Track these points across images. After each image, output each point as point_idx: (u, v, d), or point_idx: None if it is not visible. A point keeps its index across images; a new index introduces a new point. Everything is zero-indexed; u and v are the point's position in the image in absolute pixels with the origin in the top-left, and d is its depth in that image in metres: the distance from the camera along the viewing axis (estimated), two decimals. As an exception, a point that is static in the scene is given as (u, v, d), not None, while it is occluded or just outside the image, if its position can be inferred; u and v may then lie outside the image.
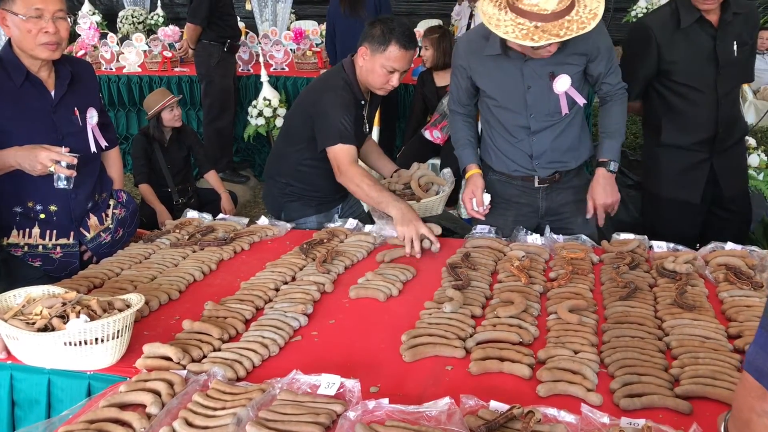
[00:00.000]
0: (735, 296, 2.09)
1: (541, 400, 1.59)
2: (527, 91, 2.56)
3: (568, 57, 2.51)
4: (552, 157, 2.68)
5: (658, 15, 3.01)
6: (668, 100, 3.00)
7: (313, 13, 12.30)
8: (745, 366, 1.11)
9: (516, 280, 2.23)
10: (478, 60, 2.61)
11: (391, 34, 2.69)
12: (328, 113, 2.78)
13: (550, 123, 2.62)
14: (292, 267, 2.39)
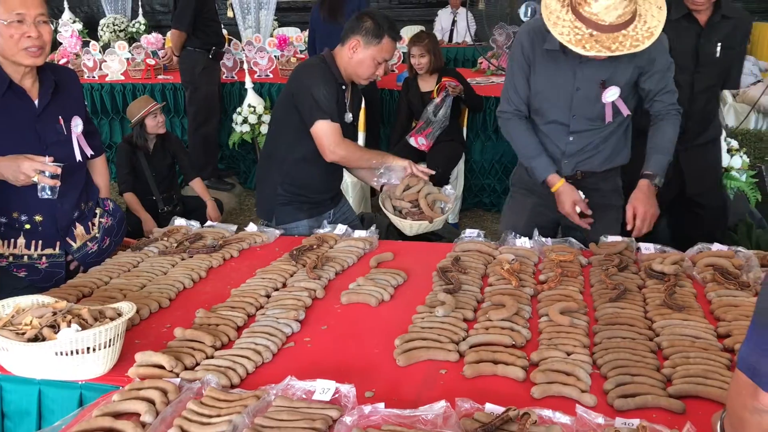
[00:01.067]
0: (722, 296, 2.12)
1: (535, 402, 1.60)
2: (576, 92, 2.58)
3: (623, 67, 2.53)
4: (581, 158, 2.70)
5: None
6: None
7: (295, 20, 12.31)
8: (738, 364, 1.13)
9: (506, 283, 2.24)
10: (537, 52, 2.62)
11: (383, 27, 2.82)
12: (308, 88, 2.85)
13: (590, 127, 2.64)
14: (283, 273, 2.39)
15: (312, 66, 2.96)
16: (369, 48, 2.84)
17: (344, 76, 2.93)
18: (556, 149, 2.70)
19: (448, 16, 11.01)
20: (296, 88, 2.90)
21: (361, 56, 2.85)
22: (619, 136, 2.70)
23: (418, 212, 2.87)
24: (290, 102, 2.93)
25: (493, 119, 5.39)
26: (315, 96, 2.81)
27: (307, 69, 2.95)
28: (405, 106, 5.26)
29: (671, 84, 2.58)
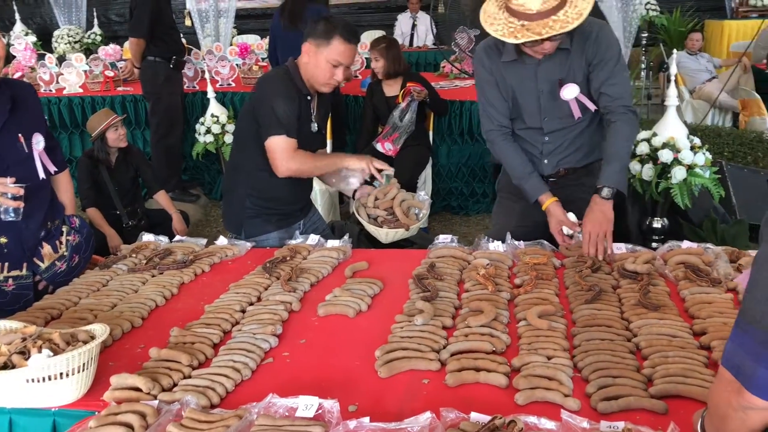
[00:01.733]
0: (695, 294, 2.15)
1: (519, 409, 1.60)
2: (541, 95, 2.63)
3: (576, 64, 2.57)
4: (561, 157, 2.74)
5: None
6: None
7: (254, 27, 12.23)
8: (723, 362, 1.14)
9: (483, 289, 2.24)
10: (497, 66, 2.66)
11: (334, 29, 2.75)
12: (268, 101, 2.77)
13: (563, 126, 2.68)
14: (257, 287, 2.35)
15: (274, 78, 2.91)
16: (320, 50, 2.75)
17: (308, 86, 2.88)
18: (534, 150, 2.74)
19: (407, 20, 11.04)
20: (257, 100, 2.85)
21: (315, 60, 2.77)
22: (593, 130, 2.73)
23: (394, 220, 2.85)
24: (252, 114, 2.88)
25: (459, 123, 5.42)
26: (273, 109, 2.75)
27: (269, 81, 2.91)
28: (370, 111, 5.26)
29: (619, 78, 2.55)
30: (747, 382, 1.07)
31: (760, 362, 1.05)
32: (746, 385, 1.07)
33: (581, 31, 2.50)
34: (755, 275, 1.07)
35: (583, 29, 2.48)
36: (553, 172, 2.76)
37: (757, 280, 1.07)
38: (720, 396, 1.18)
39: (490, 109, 2.71)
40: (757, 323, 1.06)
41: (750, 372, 1.06)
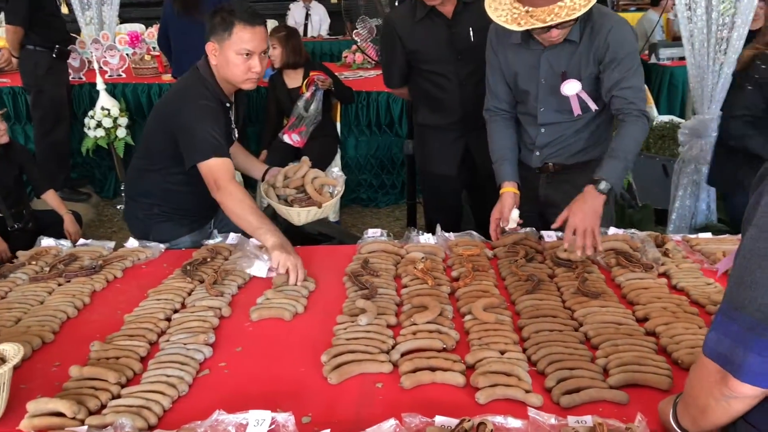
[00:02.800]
0: (631, 280, 2.17)
1: (482, 408, 1.54)
2: (540, 83, 2.52)
3: (583, 59, 2.44)
4: (552, 150, 2.64)
5: (400, 9, 3.25)
6: (421, 85, 3.26)
7: (138, 16, 11.66)
8: (706, 353, 1.12)
9: (422, 283, 2.17)
10: (505, 48, 2.56)
11: (232, 16, 2.47)
12: (193, 127, 2.49)
13: (559, 120, 2.57)
14: (179, 292, 2.18)
15: (195, 98, 2.56)
16: (224, 45, 2.49)
17: (226, 91, 2.63)
18: (528, 139, 2.66)
19: (300, 9, 10.85)
20: (177, 126, 2.54)
21: (223, 58, 2.51)
22: (593, 131, 2.61)
23: (305, 198, 2.69)
24: (168, 130, 2.58)
25: (366, 114, 5.35)
26: (202, 137, 2.47)
27: (190, 103, 2.55)
28: (273, 104, 5.09)
29: (633, 80, 2.38)
30: (737, 370, 1.05)
31: (751, 348, 1.03)
32: (736, 373, 1.05)
33: (593, 25, 2.38)
34: (742, 262, 1.05)
35: (595, 22, 2.36)
36: (541, 165, 2.67)
37: (744, 267, 1.05)
38: (701, 388, 1.16)
39: (489, 91, 2.67)
40: (744, 309, 1.04)
41: (740, 360, 1.04)
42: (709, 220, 3.81)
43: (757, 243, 1.03)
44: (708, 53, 3.57)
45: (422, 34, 3.12)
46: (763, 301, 1.01)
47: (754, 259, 1.03)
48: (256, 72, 2.54)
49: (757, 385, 1.05)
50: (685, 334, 1.79)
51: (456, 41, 3.09)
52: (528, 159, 2.69)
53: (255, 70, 2.53)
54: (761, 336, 1.01)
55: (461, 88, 3.16)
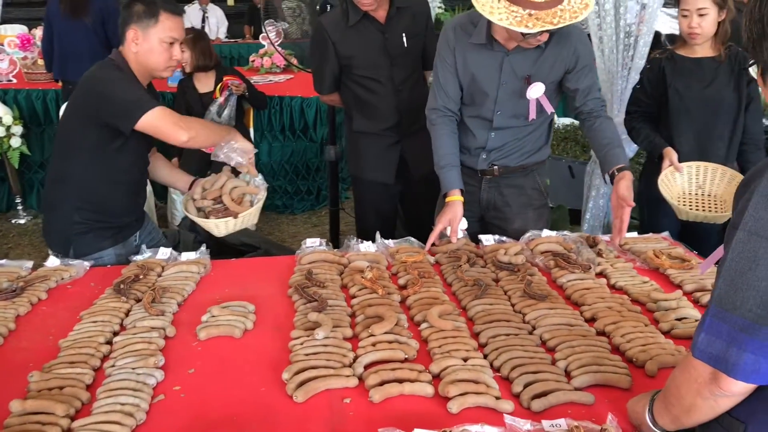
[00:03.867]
0: (572, 281, 2.24)
1: (455, 417, 1.54)
2: (501, 86, 2.50)
3: (548, 63, 2.47)
4: (500, 154, 2.65)
5: (331, 14, 3.22)
6: (355, 91, 3.23)
7: (20, 17, 10.99)
8: (696, 355, 1.16)
9: (370, 293, 2.15)
10: (464, 47, 2.51)
11: (155, 4, 2.48)
12: (113, 93, 2.43)
13: (512, 124, 2.58)
14: (116, 313, 2.06)
15: (104, 70, 2.52)
16: (149, 31, 2.48)
17: (141, 80, 2.56)
18: (476, 142, 2.65)
19: (197, 12, 10.55)
20: (96, 100, 2.45)
21: (147, 45, 2.48)
22: (538, 135, 2.67)
23: (223, 209, 2.62)
24: (84, 118, 2.50)
25: (279, 119, 5.27)
26: (127, 97, 2.41)
27: (100, 73, 2.51)
28: (183, 108, 4.90)
29: (598, 85, 2.61)
30: (731, 369, 1.10)
31: (744, 348, 1.08)
32: (731, 372, 1.10)
33: (559, 33, 2.43)
34: (732, 265, 1.10)
35: (561, 30, 2.41)
36: (487, 168, 2.69)
37: (735, 270, 1.09)
38: (688, 388, 1.20)
39: (440, 90, 2.60)
40: (736, 310, 1.08)
41: (734, 359, 1.09)
42: (620, 219, 3.98)
43: (746, 246, 1.08)
44: (617, 59, 3.74)
45: (356, 39, 3.09)
46: (754, 302, 1.06)
47: (743, 262, 1.08)
48: (177, 59, 2.58)
49: (751, 382, 1.10)
50: (635, 332, 1.86)
51: (390, 47, 3.09)
52: (472, 162, 2.70)
53: (176, 58, 2.57)
54: (754, 336, 1.06)
55: (396, 93, 3.15)
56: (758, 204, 1.09)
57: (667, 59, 3.13)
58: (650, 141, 3.14)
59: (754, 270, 1.06)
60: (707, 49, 3.07)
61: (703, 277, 2.23)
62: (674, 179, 2.95)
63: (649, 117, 3.22)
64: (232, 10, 11.72)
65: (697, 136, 3.09)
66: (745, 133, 3.13)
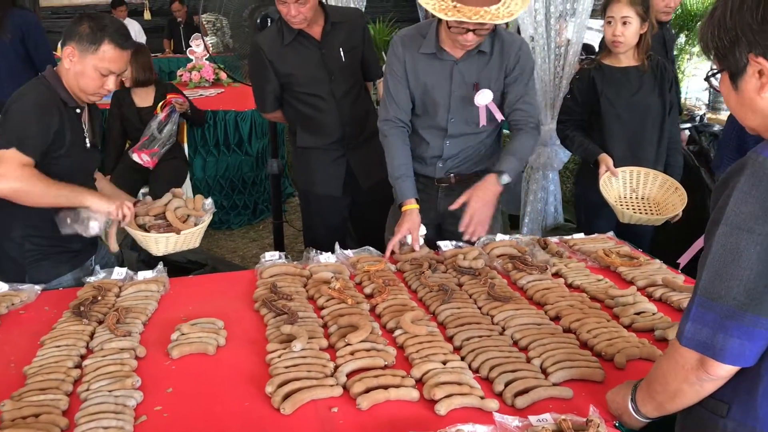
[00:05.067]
0: (531, 282, 2.32)
1: (443, 419, 1.58)
2: (452, 94, 2.54)
3: (495, 70, 2.53)
4: (456, 162, 2.69)
5: (267, 34, 3.22)
6: (297, 108, 3.25)
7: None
8: (683, 342, 1.24)
9: (338, 303, 2.17)
10: (412, 56, 2.52)
11: (103, 31, 2.34)
12: (14, 114, 2.32)
13: (466, 131, 2.62)
14: (80, 336, 2.00)
15: (26, 90, 2.40)
16: (86, 56, 2.35)
17: (75, 96, 2.44)
18: (431, 152, 2.67)
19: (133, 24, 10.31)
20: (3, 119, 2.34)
21: (80, 67, 2.36)
22: (490, 142, 2.74)
23: (165, 224, 2.52)
24: None
25: (213, 134, 5.21)
26: (16, 125, 2.29)
27: (19, 94, 2.39)
28: (118, 123, 4.76)
29: (533, 95, 2.66)
30: (719, 354, 1.18)
31: (731, 333, 1.17)
32: (718, 356, 1.18)
33: (503, 40, 2.50)
34: (716, 257, 1.18)
35: (504, 38, 2.48)
36: (444, 176, 2.72)
37: (719, 261, 1.18)
38: (674, 375, 1.28)
39: (391, 101, 2.61)
40: (721, 299, 1.17)
41: (721, 344, 1.17)
42: (557, 222, 4.15)
43: (729, 239, 1.16)
44: (549, 68, 3.90)
45: (293, 57, 3.10)
46: (738, 290, 1.15)
47: (727, 254, 1.16)
48: (108, 90, 2.46)
49: (737, 365, 1.18)
50: (599, 328, 1.95)
51: (327, 62, 3.11)
52: (428, 171, 2.75)
53: (107, 88, 2.45)
54: (739, 321, 1.15)
55: (338, 107, 3.17)
56: (738, 199, 1.18)
57: (595, 69, 3.27)
58: (585, 148, 3.27)
59: (737, 261, 1.15)
60: (630, 58, 3.23)
61: (653, 273, 2.36)
62: (611, 184, 3.10)
63: (580, 125, 3.36)
64: (150, 24, 11.48)
65: (628, 142, 3.24)
66: (671, 143, 3.31)
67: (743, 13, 1.16)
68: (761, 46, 1.15)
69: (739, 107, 1.26)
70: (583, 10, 3.83)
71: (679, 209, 2.93)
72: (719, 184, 1.24)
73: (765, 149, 1.19)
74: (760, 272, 1.16)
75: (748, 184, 1.18)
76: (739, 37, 1.16)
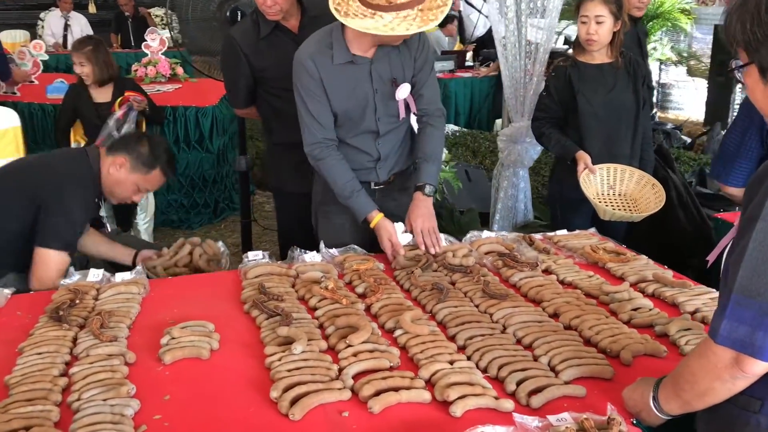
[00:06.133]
0: (524, 279, 2.30)
1: (459, 420, 1.54)
2: (375, 94, 2.49)
3: (405, 63, 2.50)
4: (393, 161, 2.64)
5: (241, 27, 3.13)
6: (272, 104, 3.15)
7: None
8: (719, 341, 1.22)
9: (331, 303, 2.10)
10: (327, 71, 2.45)
11: (157, 160, 2.64)
12: (65, 208, 2.48)
13: (393, 126, 2.58)
14: (62, 342, 1.89)
15: (79, 182, 2.56)
16: (135, 174, 2.62)
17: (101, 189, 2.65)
18: (368, 157, 2.60)
19: (58, 19, 9.94)
20: (47, 197, 2.47)
21: (124, 178, 2.61)
22: (410, 135, 2.69)
23: None
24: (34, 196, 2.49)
25: (173, 130, 5.07)
26: (65, 221, 2.48)
27: (72, 183, 2.54)
28: (68, 114, 4.54)
29: (434, 80, 2.64)
30: (758, 351, 1.17)
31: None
32: (757, 354, 1.17)
33: None
34: (754, 254, 1.17)
35: None
36: (387, 178, 2.67)
37: (758, 259, 1.17)
38: (705, 373, 1.27)
39: (315, 123, 2.50)
40: (760, 296, 1.16)
41: (760, 342, 1.17)
42: (527, 219, 4.17)
43: (767, 236, 1.16)
44: (520, 65, 3.91)
45: (269, 51, 2.99)
46: None
47: (766, 251, 1.15)
48: (135, 201, 2.78)
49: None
50: (599, 324, 1.94)
51: None
52: (366, 177, 2.64)
53: (135, 200, 2.76)
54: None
55: None
56: None
57: (571, 66, 3.28)
58: (562, 145, 3.28)
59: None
60: (604, 56, 3.26)
61: (641, 269, 2.37)
62: (590, 181, 3.11)
63: (556, 122, 3.36)
64: (96, 18, 11.11)
65: (605, 139, 3.26)
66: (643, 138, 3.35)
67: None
68: None
69: (767, 101, 1.25)
70: (553, 7, 3.85)
71: (656, 205, 2.96)
72: (753, 180, 1.24)
73: None
74: None
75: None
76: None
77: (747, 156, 2.28)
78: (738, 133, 2.27)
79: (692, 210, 3.67)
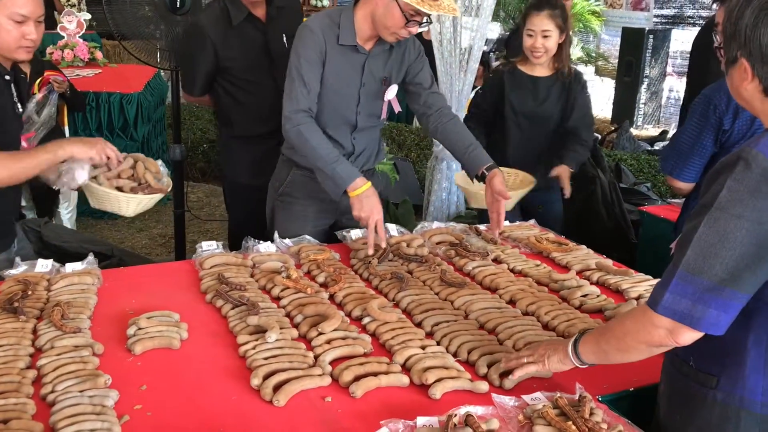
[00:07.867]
0: (477, 268, 2.40)
1: (438, 402, 1.61)
2: (361, 87, 2.49)
3: (396, 64, 2.53)
4: (366, 157, 2.67)
5: (210, 13, 3.07)
6: (234, 95, 3.13)
7: None
8: (659, 310, 1.34)
9: (294, 293, 2.13)
10: (332, 47, 2.44)
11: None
12: None
13: (371, 124, 2.61)
14: (21, 334, 1.83)
15: None
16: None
17: (3, 62, 2.24)
18: (342, 151, 2.57)
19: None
20: None
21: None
22: (380, 132, 2.77)
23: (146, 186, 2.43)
24: None
25: (96, 116, 4.90)
26: None
27: None
28: None
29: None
30: (696, 323, 1.31)
31: (709, 305, 1.29)
32: (695, 325, 1.31)
33: None
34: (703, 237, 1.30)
35: None
36: None
37: (706, 241, 1.30)
38: (636, 335, 1.41)
39: (304, 90, 2.45)
40: (703, 274, 1.30)
41: (699, 315, 1.30)
42: (459, 211, 4.29)
43: (718, 222, 1.29)
44: (456, 61, 4.02)
45: (237, 40, 2.96)
46: (720, 268, 1.28)
47: (714, 235, 1.29)
48: (32, 40, 2.23)
49: (711, 332, 1.32)
50: (554, 310, 2.06)
51: (272, 48, 3.02)
52: None
53: (30, 38, 2.22)
54: (717, 295, 1.29)
55: (278, 95, 2.97)
56: (731, 188, 1.30)
57: (508, 72, 3.35)
58: None
59: (723, 242, 1.28)
60: (545, 68, 3.29)
61: (584, 257, 2.52)
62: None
63: (485, 120, 3.45)
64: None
65: (524, 144, 3.32)
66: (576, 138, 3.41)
67: None
68: None
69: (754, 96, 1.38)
70: (487, 6, 3.98)
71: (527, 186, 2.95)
72: (711, 173, 1.37)
73: (757, 144, 1.32)
74: (742, 254, 1.29)
75: (741, 174, 1.31)
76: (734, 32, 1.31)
77: (700, 154, 2.44)
78: (693, 132, 2.43)
79: (615, 209, 3.86)
